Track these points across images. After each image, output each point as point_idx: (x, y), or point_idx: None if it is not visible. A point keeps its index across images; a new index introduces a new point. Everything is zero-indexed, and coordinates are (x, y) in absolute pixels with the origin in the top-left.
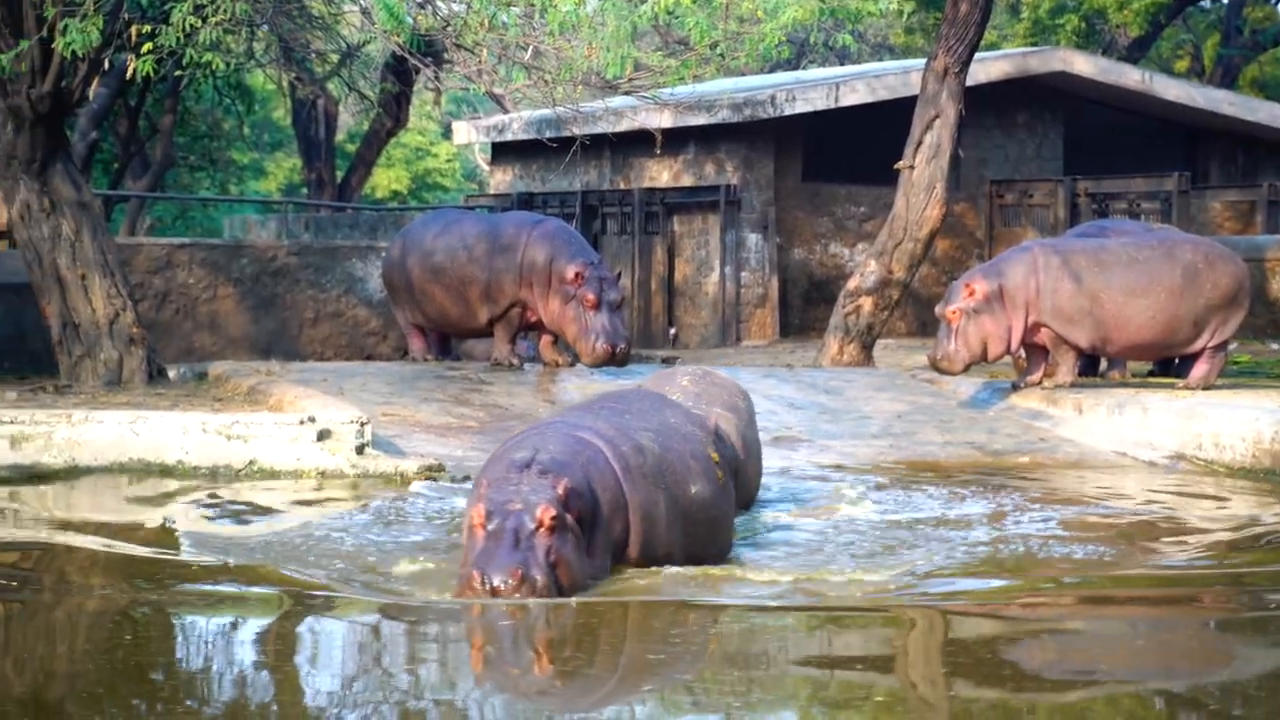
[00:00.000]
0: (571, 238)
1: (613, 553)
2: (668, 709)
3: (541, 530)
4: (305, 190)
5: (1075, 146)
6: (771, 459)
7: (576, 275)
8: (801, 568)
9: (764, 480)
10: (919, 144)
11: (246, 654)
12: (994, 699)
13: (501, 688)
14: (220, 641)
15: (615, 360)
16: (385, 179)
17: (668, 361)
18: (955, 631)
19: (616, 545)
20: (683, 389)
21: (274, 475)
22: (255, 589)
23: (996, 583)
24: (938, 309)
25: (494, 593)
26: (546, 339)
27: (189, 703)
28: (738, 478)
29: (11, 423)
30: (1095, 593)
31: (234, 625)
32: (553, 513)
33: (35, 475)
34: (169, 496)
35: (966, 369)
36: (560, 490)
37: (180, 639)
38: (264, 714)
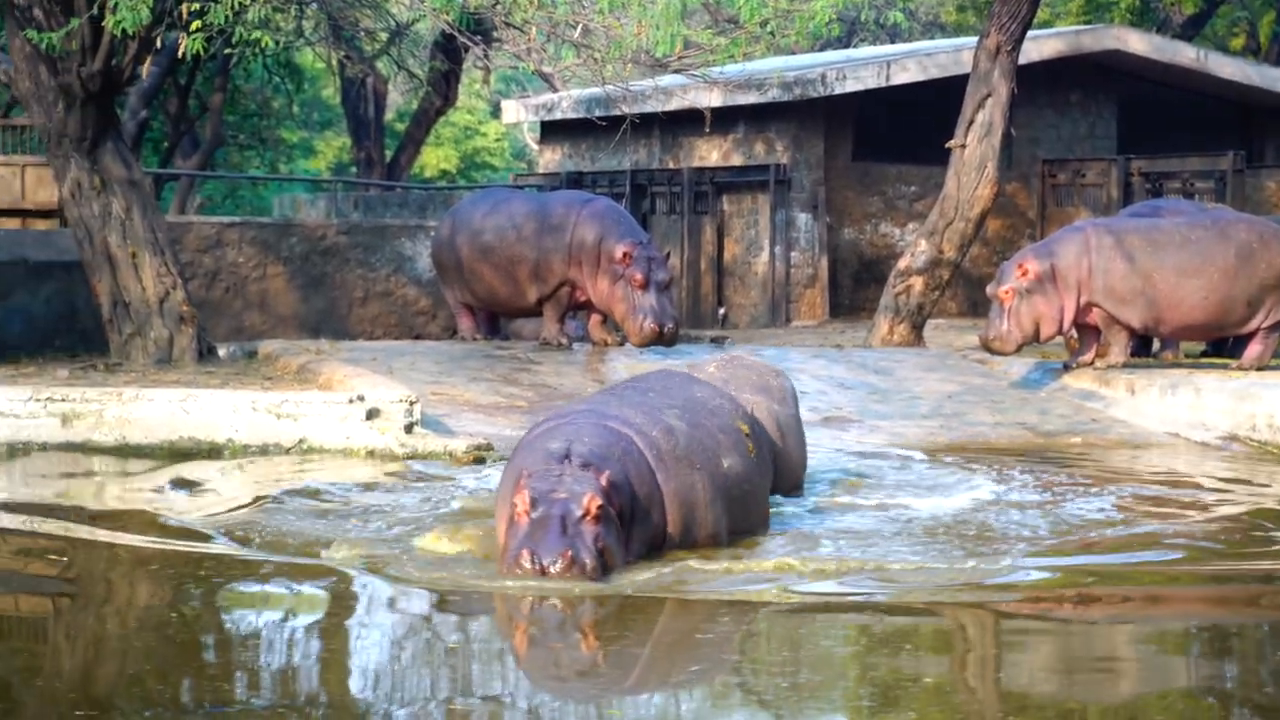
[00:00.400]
0: (620, 217)
1: (652, 541)
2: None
3: (588, 518)
4: (354, 169)
5: (1129, 125)
6: (822, 439)
7: (625, 255)
8: (875, 556)
9: (816, 462)
10: (971, 123)
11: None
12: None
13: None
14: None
15: (663, 340)
16: (434, 158)
17: (716, 341)
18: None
19: (655, 533)
20: (709, 376)
21: (323, 453)
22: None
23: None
24: (990, 289)
25: (542, 573)
26: (595, 318)
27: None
28: (776, 459)
29: (63, 400)
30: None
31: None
32: (599, 502)
33: (86, 453)
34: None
35: (1019, 349)
36: (604, 482)
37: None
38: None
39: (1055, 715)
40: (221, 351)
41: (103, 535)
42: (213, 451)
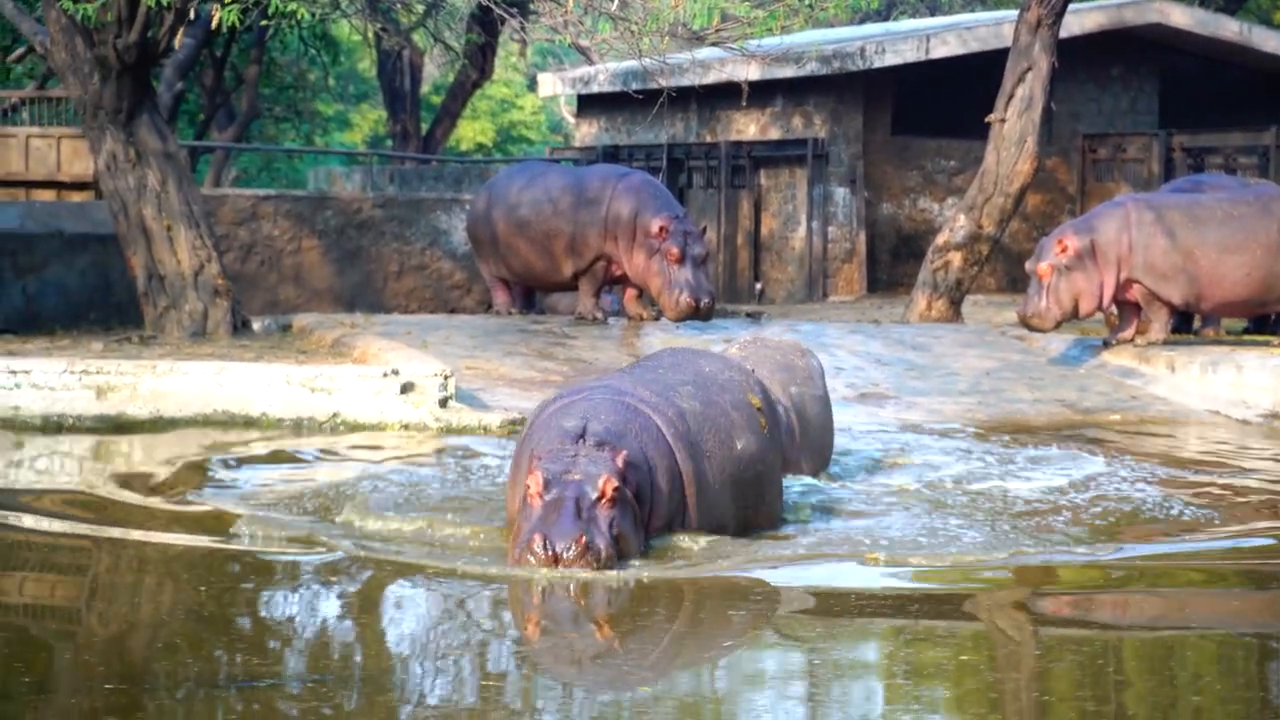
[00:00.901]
0: (657, 191)
1: (670, 523)
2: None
3: (604, 501)
4: (390, 142)
5: (1170, 100)
6: (858, 416)
7: (661, 229)
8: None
9: (850, 442)
10: (1010, 97)
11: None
12: None
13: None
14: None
15: (699, 314)
16: (470, 131)
17: (753, 316)
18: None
19: (673, 515)
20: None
21: (358, 428)
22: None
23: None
24: (1029, 265)
25: (555, 560)
26: (631, 293)
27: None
28: (800, 439)
29: (97, 373)
30: None
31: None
32: (615, 484)
33: (120, 426)
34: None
35: (1058, 326)
36: (620, 462)
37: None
38: None
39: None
40: (256, 325)
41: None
42: (247, 425)
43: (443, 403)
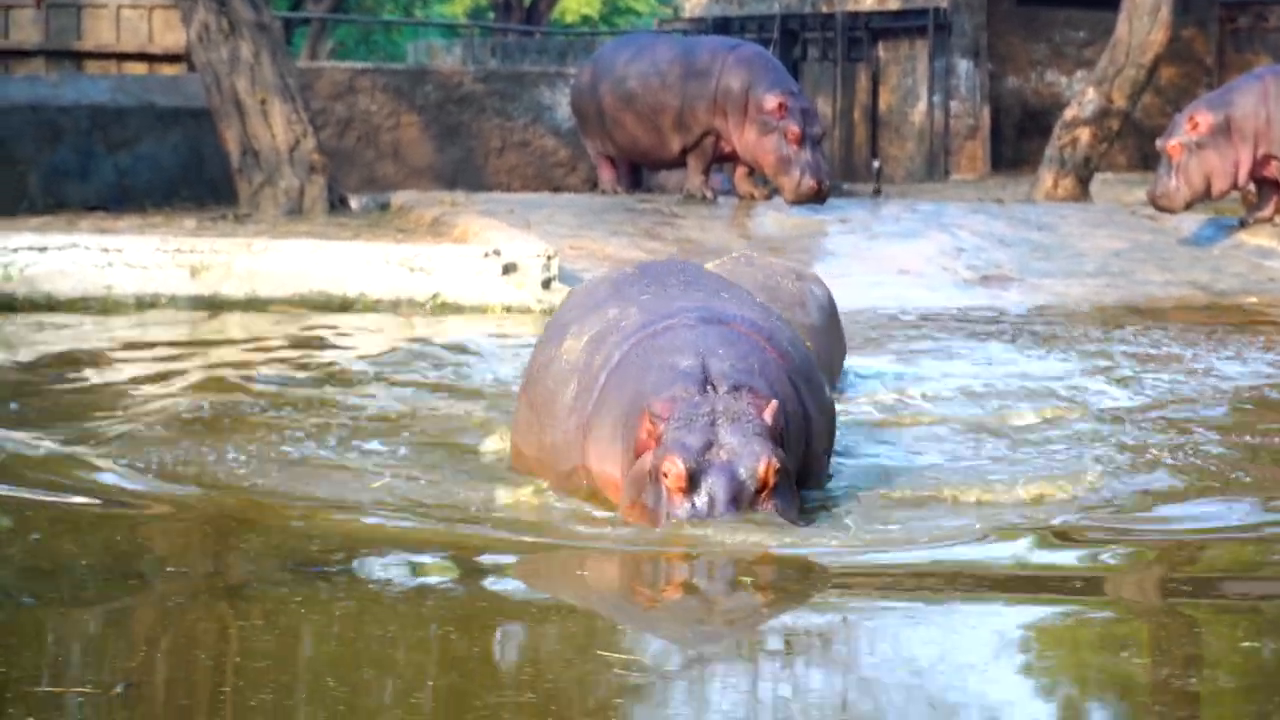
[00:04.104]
0: (769, 64)
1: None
2: None
3: (765, 493)
4: (492, 14)
5: None
6: (979, 299)
7: (780, 106)
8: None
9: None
10: None
11: None
12: None
13: None
14: None
15: (820, 197)
16: (575, 2)
17: (879, 193)
18: None
19: (798, 468)
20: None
21: (458, 310)
22: None
23: None
24: (1159, 143)
25: None
26: (741, 170)
27: None
28: None
29: (190, 252)
30: None
31: None
32: (777, 466)
33: (214, 305)
34: None
35: (1188, 207)
36: (770, 418)
37: None
38: None
39: None
40: (353, 203)
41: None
42: (343, 305)
43: (546, 284)
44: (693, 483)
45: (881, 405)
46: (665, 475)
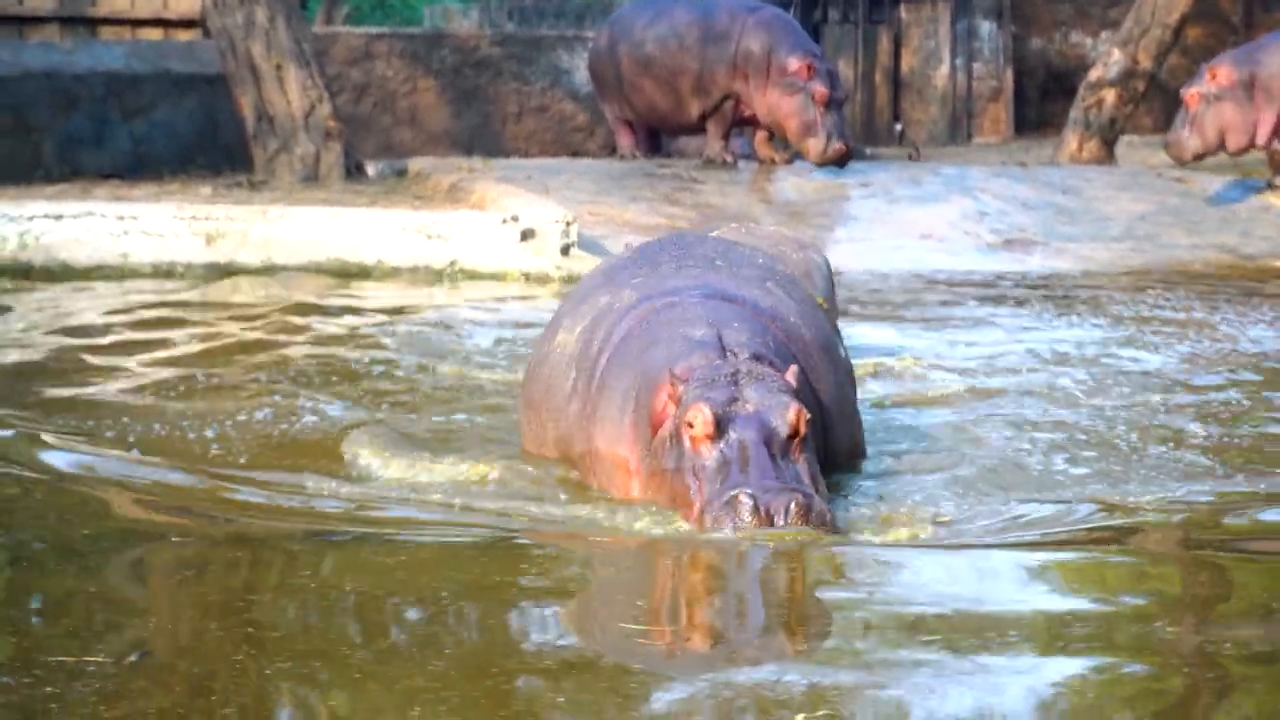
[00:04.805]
0: (790, 26)
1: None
2: None
3: (797, 441)
4: None
5: None
6: (1003, 264)
7: (807, 68)
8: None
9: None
10: None
11: None
12: None
13: None
14: None
15: (845, 159)
16: None
17: (913, 157)
18: None
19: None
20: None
21: (476, 277)
22: None
23: None
24: (1182, 91)
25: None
26: (761, 134)
27: None
28: None
29: (207, 219)
30: None
31: None
32: (807, 415)
33: (231, 273)
34: None
35: (1198, 159)
36: (793, 379)
37: None
38: None
39: None
40: (370, 169)
41: None
42: (360, 273)
43: (565, 250)
44: (720, 429)
45: (896, 377)
46: (691, 425)
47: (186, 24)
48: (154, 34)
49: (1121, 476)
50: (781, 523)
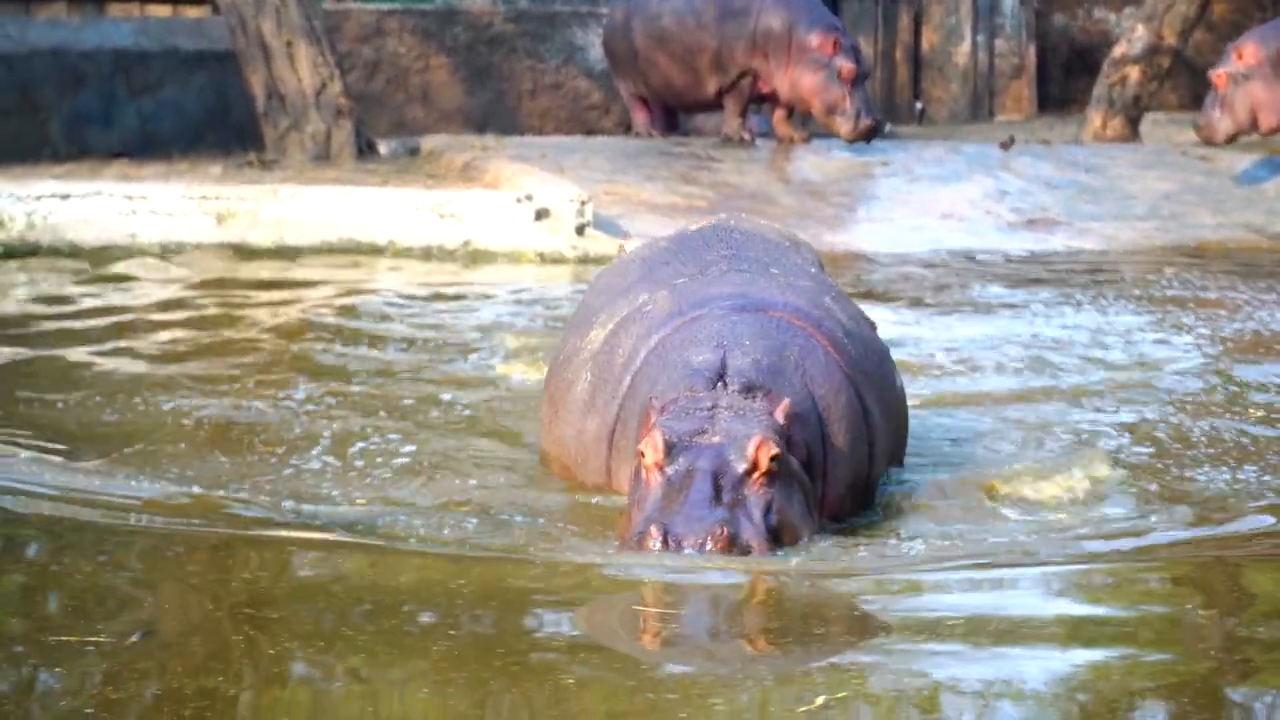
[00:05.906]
0: (810, 1)
1: (859, 487)
2: None
3: (756, 476)
4: None
5: None
6: (1025, 243)
7: (833, 44)
8: None
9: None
10: None
11: None
12: None
13: None
14: None
15: (874, 135)
16: None
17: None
18: None
19: (857, 480)
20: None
21: (490, 257)
22: None
23: None
24: (1210, 71)
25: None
26: (780, 112)
27: None
28: None
29: (217, 199)
30: None
31: None
32: (773, 450)
33: (241, 253)
34: None
35: (1230, 140)
36: (782, 416)
37: None
38: None
39: None
40: (382, 147)
41: None
42: (373, 253)
43: (580, 230)
44: (670, 456)
45: (923, 367)
46: (643, 454)
47: (195, 0)
48: (163, 10)
49: None
50: (697, 554)
